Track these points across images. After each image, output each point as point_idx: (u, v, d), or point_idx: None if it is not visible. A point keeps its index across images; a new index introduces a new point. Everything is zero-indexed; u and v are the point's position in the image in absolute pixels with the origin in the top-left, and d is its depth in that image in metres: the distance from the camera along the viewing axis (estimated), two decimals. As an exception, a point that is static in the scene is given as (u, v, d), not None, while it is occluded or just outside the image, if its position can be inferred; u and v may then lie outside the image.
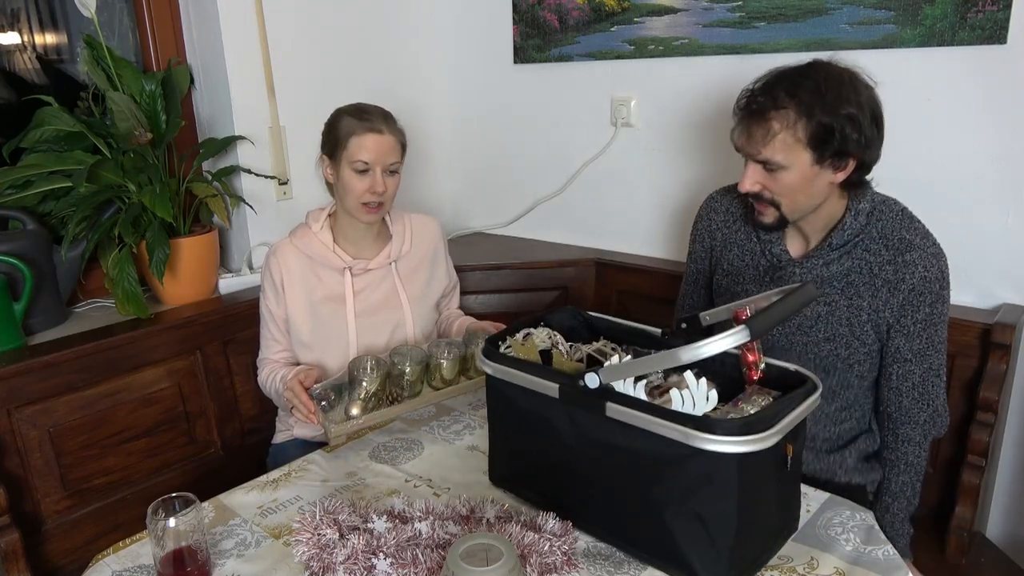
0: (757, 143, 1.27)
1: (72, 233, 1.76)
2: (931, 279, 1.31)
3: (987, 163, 1.65)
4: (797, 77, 1.26)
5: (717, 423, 0.95)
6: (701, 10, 1.95)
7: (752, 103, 1.28)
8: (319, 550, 1.08)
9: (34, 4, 1.97)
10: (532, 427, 1.17)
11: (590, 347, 1.28)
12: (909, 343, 1.34)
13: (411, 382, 1.47)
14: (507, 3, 2.32)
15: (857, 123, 1.23)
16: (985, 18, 1.57)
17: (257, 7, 2.02)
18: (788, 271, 1.40)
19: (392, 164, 1.60)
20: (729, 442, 0.94)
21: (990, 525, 1.78)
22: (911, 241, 1.32)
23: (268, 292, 1.66)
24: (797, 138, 1.24)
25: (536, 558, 1.06)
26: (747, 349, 1.05)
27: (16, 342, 1.63)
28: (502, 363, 1.19)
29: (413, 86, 2.48)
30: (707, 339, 0.93)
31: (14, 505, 1.49)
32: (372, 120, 1.58)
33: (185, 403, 1.80)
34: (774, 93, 1.25)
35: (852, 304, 1.35)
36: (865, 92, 1.26)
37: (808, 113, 1.23)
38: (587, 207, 2.33)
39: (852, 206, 1.34)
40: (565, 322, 1.34)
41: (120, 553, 1.16)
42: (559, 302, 2.19)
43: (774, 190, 1.31)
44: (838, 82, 1.24)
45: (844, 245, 1.35)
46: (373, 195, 1.57)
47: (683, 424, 0.97)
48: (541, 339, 1.27)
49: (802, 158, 1.26)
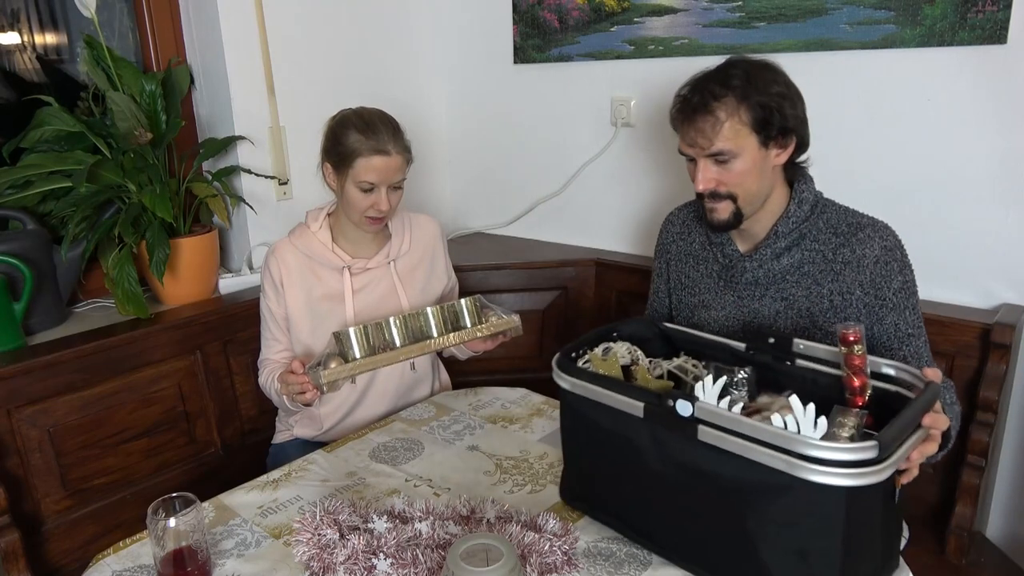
0: (708, 136, 1.30)
1: (72, 233, 1.76)
2: (891, 247, 1.33)
3: (987, 163, 1.65)
4: (722, 72, 1.32)
5: (825, 451, 0.88)
6: (701, 10, 1.95)
7: (689, 104, 1.33)
8: (319, 550, 1.08)
9: (34, 4, 1.97)
10: (611, 447, 1.11)
11: (670, 363, 1.23)
12: (902, 317, 1.34)
13: (401, 342, 1.45)
14: (507, 3, 2.32)
15: (790, 100, 1.30)
16: (985, 18, 1.57)
17: (257, 7, 2.02)
18: (739, 267, 1.42)
19: (398, 180, 1.58)
20: (839, 474, 0.87)
21: (990, 525, 1.78)
22: (858, 222, 1.36)
23: (268, 291, 1.66)
24: (743, 122, 1.29)
25: (536, 558, 1.06)
26: (854, 373, 1.02)
27: (16, 342, 1.63)
28: (580, 378, 1.13)
29: (413, 86, 2.48)
30: (839, 443, 0.89)
31: (14, 505, 1.48)
32: (379, 139, 1.53)
33: (185, 403, 1.80)
34: (707, 88, 1.30)
35: (811, 293, 1.36)
36: (782, 76, 1.33)
37: (745, 96, 1.28)
38: (587, 207, 2.33)
39: (795, 195, 1.38)
40: (639, 333, 1.29)
41: (120, 553, 1.17)
42: (559, 302, 2.19)
43: (729, 182, 1.33)
44: (760, 68, 1.31)
45: (790, 234, 1.37)
46: (377, 211, 1.57)
47: (787, 452, 0.89)
48: (621, 354, 1.22)
49: (750, 142, 1.30)
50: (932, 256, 1.74)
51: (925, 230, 1.74)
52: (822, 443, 0.88)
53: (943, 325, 1.62)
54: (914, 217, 1.74)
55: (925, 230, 1.74)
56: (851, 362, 1.03)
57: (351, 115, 1.58)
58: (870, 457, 0.87)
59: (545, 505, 1.25)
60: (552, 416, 1.57)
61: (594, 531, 1.17)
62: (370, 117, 1.57)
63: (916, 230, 1.74)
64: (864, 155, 1.78)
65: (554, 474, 1.35)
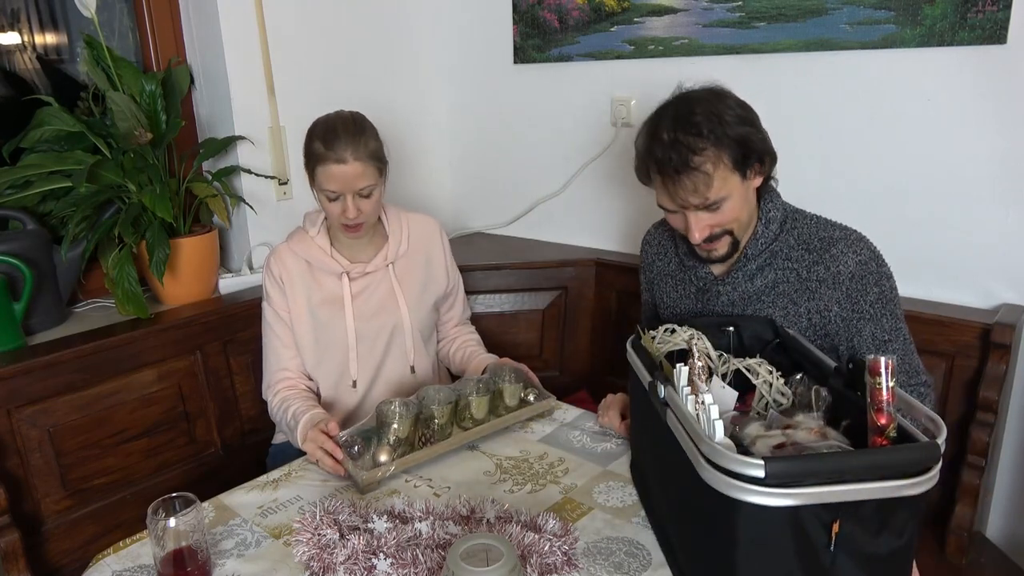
0: (700, 192, 1.27)
1: (72, 233, 1.76)
2: (865, 261, 1.32)
3: (987, 163, 1.65)
4: (684, 120, 1.27)
5: (715, 454, 0.87)
6: (701, 10, 1.95)
7: (668, 164, 1.27)
8: (319, 550, 1.08)
9: (34, 4, 1.97)
10: (644, 416, 1.18)
11: (742, 361, 1.21)
12: (877, 325, 1.34)
13: (441, 425, 1.42)
14: (507, 3, 2.32)
15: (751, 122, 1.29)
16: (985, 18, 1.57)
17: (257, 7, 2.02)
18: (714, 291, 1.43)
19: (363, 188, 1.53)
20: (725, 483, 0.85)
21: (990, 525, 1.78)
22: (831, 237, 1.35)
23: (272, 293, 1.66)
24: (727, 167, 1.27)
25: (536, 558, 1.06)
26: (877, 410, 0.93)
27: (16, 342, 1.63)
28: (633, 349, 1.23)
29: (413, 86, 2.48)
30: (727, 448, 0.87)
31: (14, 505, 1.48)
32: (337, 148, 1.49)
33: (185, 403, 1.80)
34: (682, 143, 1.25)
35: (788, 313, 1.36)
36: (733, 98, 1.31)
37: (720, 140, 1.25)
38: (587, 207, 2.33)
39: (762, 215, 1.37)
40: (756, 332, 1.28)
41: (120, 553, 1.16)
42: (559, 302, 2.19)
43: (723, 223, 1.33)
44: (714, 100, 1.28)
45: (760, 255, 1.37)
46: (347, 218, 1.55)
47: (698, 450, 0.91)
48: (682, 338, 1.23)
49: (735, 181, 1.29)
50: (932, 256, 1.74)
51: (925, 230, 1.74)
52: (716, 444, 0.88)
53: (943, 325, 1.62)
54: (914, 217, 1.74)
55: (925, 230, 1.74)
56: (876, 397, 0.93)
57: (319, 122, 1.57)
58: (754, 475, 0.83)
59: (545, 505, 1.25)
60: (552, 416, 1.57)
61: (594, 531, 1.18)
62: (333, 124, 1.53)
63: (916, 230, 1.75)
64: (864, 155, 1.78)
65: (554, 474, 1.35)
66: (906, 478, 0.85)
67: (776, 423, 1.02)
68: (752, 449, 0.96)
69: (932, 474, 0.86)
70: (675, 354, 1.23)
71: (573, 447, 1.44)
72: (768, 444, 0.96)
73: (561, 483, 1.32)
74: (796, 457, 0.90)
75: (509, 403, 1.52)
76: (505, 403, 1.52)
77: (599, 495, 1.28)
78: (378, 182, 1.56)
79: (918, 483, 0.85)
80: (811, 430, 0.97)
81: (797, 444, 0.95)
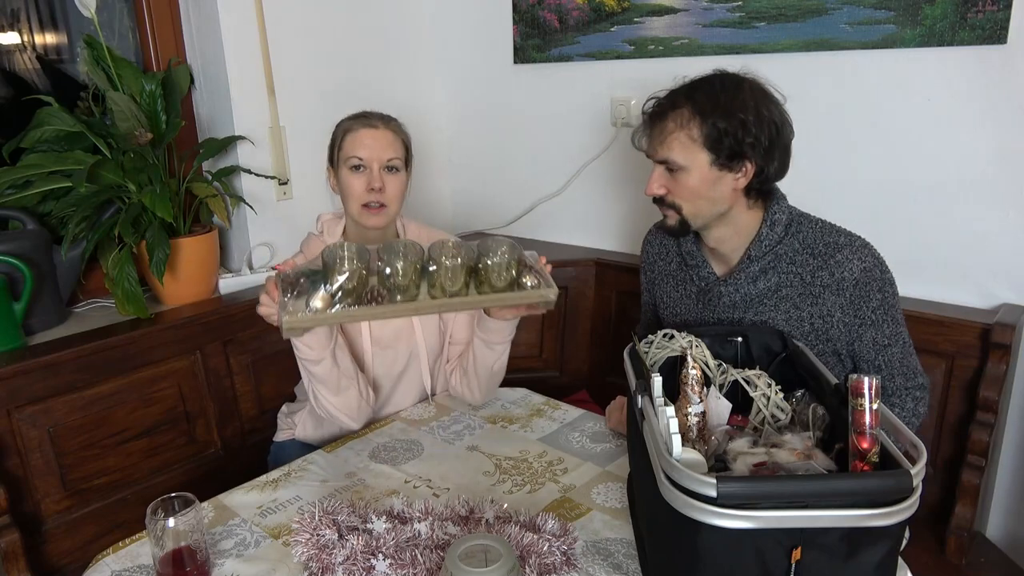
0: (655, 143, 1.32)
1: (72, 233, 1.76)
2: (870, 268, 1.32)
3: (987, 163, 1.64)
4: (697, 82, 1.32)
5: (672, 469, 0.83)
6: (701, 10, 1.95)
7: (654, 108, 1.34)
8: (318, 550, 1.08)
9: (34, 4, 1.98)
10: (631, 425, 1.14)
11: (741, 372, 1.17)
12: (879, 331, 1.34)
13: (401, 285, 1.18)
14: (507, 3, 2.32)
15: (748, 126, 1.27)
16: (985, 18, 1.57)
17: (257, 7, 2.02)
18: (715, 291, 1.42)
19: (390, 160, 1.52)
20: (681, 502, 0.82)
21: (990, 525, 1.78)
22: (836, 242, 1.34)
23: None
24: (692, 137, 1.28)
25: (535, 559, 1.06)
26: (860, 435, 0.89)
27: (16, 342, 1.64)
28: (629, 357, 1.16)
29: (413, 86, 2.48)
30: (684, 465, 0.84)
31: (14, 505, 1.49)
32: (369, 117, 1.55)
33: (185, 403, 1.80)
34: (673, 97, 1.31)
35: (791, 317, 1.36)
36: (764, 100, 1.30)
37: (701, 112, 1.27)
38: (587, 207, 2.33)
39: (767, 218, 1.36)
40: (766, 343, 1.24)
41: (120, 553, 1.17)
42: (559, 302, 2.18)
43: (676, 194, 1.34)
44: (734, 87, 1.29)
45: (764, 257, 1.36)
46: (371, 193, 1.50)
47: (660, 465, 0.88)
48: (680, 345, 1.20)
49: (700, 159, 1.29)
50: (932, 256, 1.74)
51: (925, 230, 1.74)
52: (672, 459, 0.85)
53: (943, 325, 1.62)
54: (914, 217, 1.74)
55: (925, 230, 1.74)
56: (858, 419, 0.89)
57: (349, 115, 1.60)
58: (707, 494, 0.80)
59: (544, 505, 1.25)
60: (551, 416, 1.57)
61: (593, 531, 1.18)
62: (363, 110, 1.58)
63: (916, 230, 1.75)
64: (864, 155, 1.78)
65: (553, 474, 1.35)
66: (875, 507, 0.80)
67: (767, 440, 1.00)
68: (732, 466, 0.94)
69: (906, 505, 0.81)
70: (678, 361, 1.19)
71: (572, 447, 1.44)
72: (748, 463, 0.94)
73: (560, 483, 1.32)
74: (751, 478, 0.87)
75: (496, 283, 1.22)
76: (491, 282, 1.22)
77: (598, 496, 1.28)
78: (404, 166, 1.56)
79: (888, 513, 0.80)
80: (794, 451, 0.94)
81: (776, 464, 0.92)
